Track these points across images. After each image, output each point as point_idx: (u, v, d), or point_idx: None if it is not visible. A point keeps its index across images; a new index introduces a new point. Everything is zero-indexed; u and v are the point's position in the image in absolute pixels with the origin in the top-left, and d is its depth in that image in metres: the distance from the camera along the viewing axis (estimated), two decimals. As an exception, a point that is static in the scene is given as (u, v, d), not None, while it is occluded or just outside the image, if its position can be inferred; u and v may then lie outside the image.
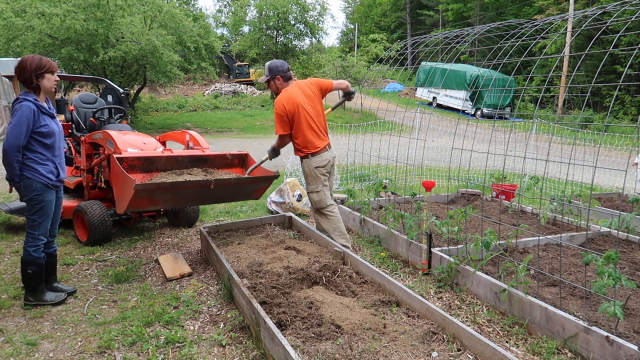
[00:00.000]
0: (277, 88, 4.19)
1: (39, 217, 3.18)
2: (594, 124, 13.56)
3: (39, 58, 3.10)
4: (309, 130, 4.08)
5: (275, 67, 4.16)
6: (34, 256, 3.21)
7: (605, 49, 14.00)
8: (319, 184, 4.14)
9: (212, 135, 17.18)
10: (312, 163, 4.11)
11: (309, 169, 4.13)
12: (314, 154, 4.10)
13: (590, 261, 2.73)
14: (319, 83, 4.27)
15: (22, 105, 3.03)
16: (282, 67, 4.18)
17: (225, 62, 34.05)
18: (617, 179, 8.54)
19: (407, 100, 22.94)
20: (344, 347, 2.42)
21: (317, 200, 4.18)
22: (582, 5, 22.91)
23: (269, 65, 4.21)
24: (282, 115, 4.03)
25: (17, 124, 3.00)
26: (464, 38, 4.77)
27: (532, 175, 5.73)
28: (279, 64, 4.20)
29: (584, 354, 2.56)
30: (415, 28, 42.50)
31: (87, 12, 14.17)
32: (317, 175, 4.12)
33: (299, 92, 4.08)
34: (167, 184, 3.66)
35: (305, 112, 4.05)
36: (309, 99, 4.12)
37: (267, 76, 4.19)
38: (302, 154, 4.14)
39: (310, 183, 4.17)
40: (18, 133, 3.00)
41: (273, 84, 4.19)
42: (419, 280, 3.77)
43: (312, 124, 4.09)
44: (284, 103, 4.01)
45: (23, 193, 3.16)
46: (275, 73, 4.14)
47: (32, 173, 3.10)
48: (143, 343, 2.79)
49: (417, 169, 8.22)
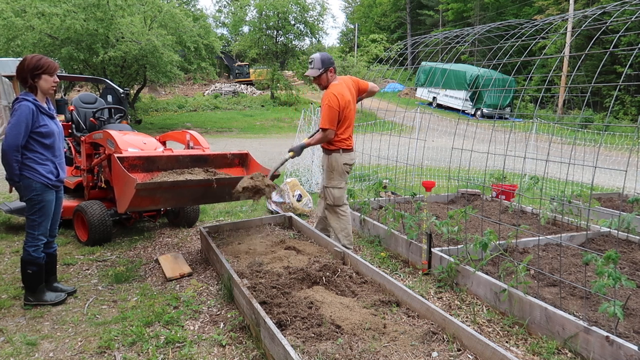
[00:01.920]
0: (327, 81, 4.10)
1: (38, 217, 3.17)
2: (594, 124, 13.56)
3: (38, 58, 3.09)
4: (350, 128, 4.14)
5: (328, 59, 4.06)
6: (34, 256, 3.20)
7: (605, 49, 14.00)
8: (342, 180, 4.18)
9: (212, 135, 17.17)
10: (342, 159, 4.13)
11: (337, 164, 4.13)
12: (346, 151, 4.14)
13: (590, 261, 2.73)
14: (358, 83, 4.28)
15: (21, 105, 3.02)
16: (332, 59, 4.11)
17: (225, 62, 34.03)
18: (617, 179, 8.54)
19: (407, 100, 22.92)
20: (344, 347, 2.42)
21: (337, 196, 4.19)
22: (582, 5, 22.90)
23: (321, 58, 4.05)
24: (336, 110, 3.95)
25: (16, 124, 3.00)
26: (464, 38, 4.77)
27: (532, 175, 5.73)
28: (328, 56, 4.10)
29: (584, 354, 2.56)
30: (415, 28, 42.48)
31: (87, 12, 14.16)
32: (343, 171, 4.16)
33: (347, 89, 4.09)
34: (168, 183, 3.66)
35: (352, 109, 4.09)
36: (353, 97, 4.16)
37: (320, 69, 4.03)
38: (334, 148, 4.12)
39: (334, 178, 4.17)
40: (17, 133, 3.00)
41: (325, 77, 4.07)
42: (419, 280, 3.77)
43: (353, 122, 4.16)
44: (339, 98, 3.96)
45: (23, 193, 3.16)
46: (328, 65, 4.05)
47: (32, 173, 3.09)
48: (143, 343, 2.79)
49: (417, 169, 8.22)
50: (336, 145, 4.11)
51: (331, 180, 4.18)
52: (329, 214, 4.28)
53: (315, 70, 4.05)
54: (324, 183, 4.29)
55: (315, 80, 4.14)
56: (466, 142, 4.21)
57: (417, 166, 8.10)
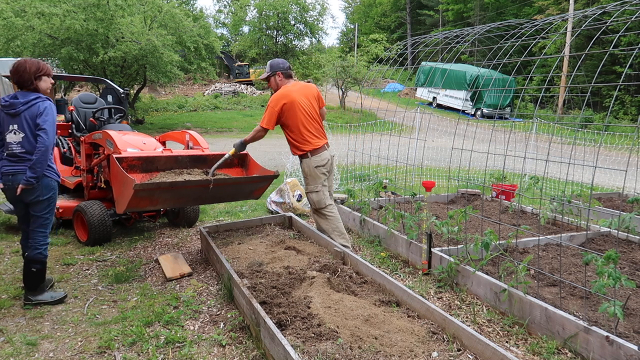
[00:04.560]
0: (277, 85, 4.19)
1: (51, 215, 3.29)
2: (594, 123, 13.56)
3: (37, 61, 3.22)
4: (305, 126, 4.07)
5: (277, 64, 4.20)
6: (45, 255, 3.26)
7: (605, 49, 13.99)
8: (318, 183, 4.13)
9: (212, 135, 17.17)
10: (312, 162, 4.10)
11: (309, 169, 4.12)
12: (314, 153, 4.09)
13: (590, 261, 2.73)
14: (317, 92, 4.31)
15: (51, 105, 3.16)
16: (283, 64, 4.22)
17: (225, 62, 34.02)
18: (617, 179, 8.53)
19: (407, 100, 22.93)
20: (344, 347, 2.41)
21: (316, 200, 4.17)
22: (582, 5, 22.90)
23: (270, 63, 4.25)
24: (273, 109, 4.01)
25: (53, 123, 3.13)
26: (464, 38, 4.77)
27: (532, 175, 5.73)
28: (280, 62, 4.24)
29: (584, 354, 2.55)
30: (415, 28, 42.49)
31: (87, 12, 14.16)
32: (317, 174, 4.11)
33: (297, 90, 4.10)
34: (166, 183, 3.66)
35: (301, 107, 4.05)
36: (307, 98, 4.13)
37: (268, 72, 4.21)
38: (302, 153, 4.12)
39: (310, 183, 4.16)
40: (54, 131, 3.14)
41: (273, 80, 4.20)
42: (419, 280, 3.76)
43: (309, 120, 4.09)
44: (280, 97, 4.02)
45: (38, 192, 3.14)
46: (275, 69, 4.16)
47: (50, 172, 3.18)
48: (143, 343, 2.79)
49: (417, 169, 8.22)
50: (301, 149, 4.09)
51: (308, 185, 4.18)
52: (317, 218, 4.27)
53: (265, 74, 4.27)
54: (304, 189, 4.31)
55: (267, 82, 4.29)
56: (466, 142, 4.21)
57: (417, 166, 8.11)
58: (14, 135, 3.12)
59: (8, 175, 3.15)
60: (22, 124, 3.10)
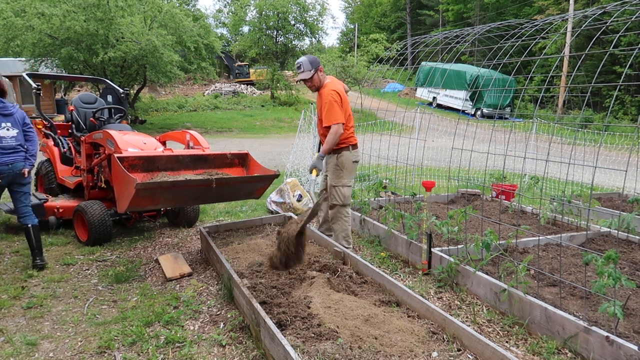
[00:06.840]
0: (319, 81, 4.09)
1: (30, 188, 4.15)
2: (594, 124, 13.55)
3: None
4: (350, 121, 4.12)
5: (315, 60, 4.07)
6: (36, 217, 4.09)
7: (605, 49, 14.00)
8: (352, 178, 4.16)
9: (212, 135, 17.17)
10: (352, 156, 4.12)
11: (347, 162, 4.10)
12: (354, 147, 4.14)
13: (590, 261, 2.73)
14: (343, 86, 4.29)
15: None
16: (317, 58, 4.14)
17: (225, 62, 34.02)
18: (617, 179, 8.53)
19: (407, 100, 22.92)
20: (344, 347, 2.42)
21: (347, 195, 4.15)
22: (582, 5, 22.89)
23: (309, 60, 4.04)
24: (339, 103, 3.94)
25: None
26: (464, 38, 4.77)
27: (532, 175, 5.73)
28: (314, 57, 4.11)
29: (584, 354, 2.56)
30: (415, 28, 42.47)
31: (87, 13, 14.15)
32: (353, 168, 4.14)
33: (340, 85, 4.12)
34: (167, 183, 3.66)
35: (348, 104, 4.09)
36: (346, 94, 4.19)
37: (311, 70, 4.01)
38: (344, 146, 4.09)
39: (344, 176, 4.11)
40: None
41: (317, 77, 4.06)
42: (419, 280, 3.76)
43: (351, 115, 4.15)
44: (339, 92, 3.99)
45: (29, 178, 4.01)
46: (317, 64, 4.05)
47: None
48: (143, 343, 2.79)
49: (417, 169, 8.22)
50: (345, 142, 4.08)
51: (341, 179, 4.12)
52: (334, 215, 4.22)
53: (307, 72, 4.02)
54: (331, 183, 4.17)
55: (307, 82, 4.07)
56: (466, 142, 4.20)
57: (417, 166, 8.10)
58: (7, 131, 3.80)
59: (7, 165, 3.78)
60: (15, 122, 3.86)
